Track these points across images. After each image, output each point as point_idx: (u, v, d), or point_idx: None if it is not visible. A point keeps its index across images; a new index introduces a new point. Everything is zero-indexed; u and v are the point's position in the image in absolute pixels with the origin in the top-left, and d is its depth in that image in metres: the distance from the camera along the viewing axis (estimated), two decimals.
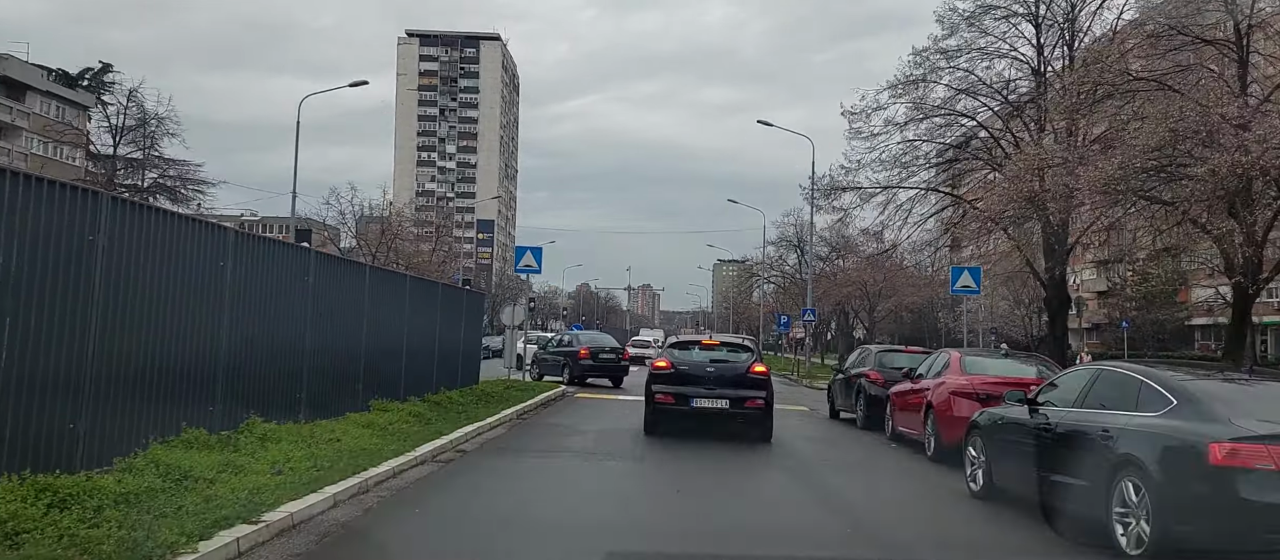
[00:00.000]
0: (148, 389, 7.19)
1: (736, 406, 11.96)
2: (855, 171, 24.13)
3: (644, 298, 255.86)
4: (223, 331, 8.31)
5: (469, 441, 11.07)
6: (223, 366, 8.34)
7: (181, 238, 7.67)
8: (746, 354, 12.89)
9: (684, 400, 11.94)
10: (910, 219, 25.62)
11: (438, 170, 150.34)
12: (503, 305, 21.94)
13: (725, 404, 11.90)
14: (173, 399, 7.50)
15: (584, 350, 24.05)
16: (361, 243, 49.46)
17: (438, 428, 11.27)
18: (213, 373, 8.22)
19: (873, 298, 42.30)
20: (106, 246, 6.59)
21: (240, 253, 8.61)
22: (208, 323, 8.09)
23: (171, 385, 7.52)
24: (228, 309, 8.38)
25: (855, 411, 15.77)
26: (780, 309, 69.63)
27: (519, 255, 19.41)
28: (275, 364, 9.41)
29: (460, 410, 13.52)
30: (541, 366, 26.00)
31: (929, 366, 12.55)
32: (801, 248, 62.39)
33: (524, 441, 11.73)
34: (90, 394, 6.48)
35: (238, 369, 8.61)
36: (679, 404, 11.96)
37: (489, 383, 19.40)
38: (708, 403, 11.90)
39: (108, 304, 6.64)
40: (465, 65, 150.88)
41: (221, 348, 8.29)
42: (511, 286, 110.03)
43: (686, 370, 12.25)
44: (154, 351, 7.27)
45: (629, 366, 25.60)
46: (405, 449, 9.28)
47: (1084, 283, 74.13)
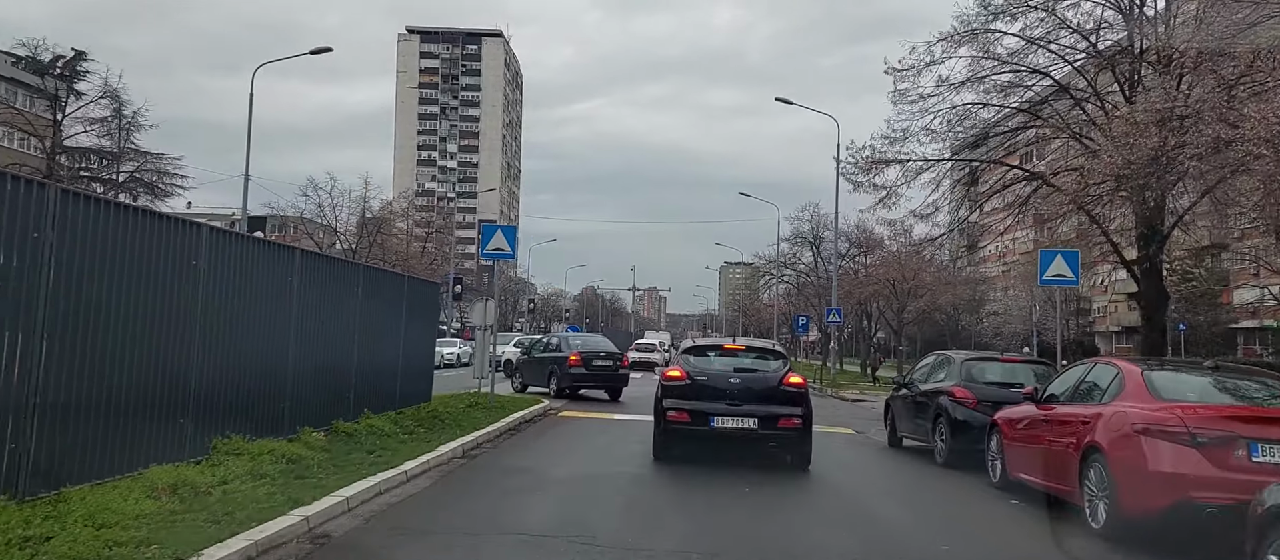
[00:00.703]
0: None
1: (767, 427, 9.74)
2: (900, 142, 19.88)
3: (650, 300, 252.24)
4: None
5: (351, 511, 6.80)
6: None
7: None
8: (778, 361, 10.57)
9: (702, 419, 9.73)
10: (970, 198, 21.30)
11: (438, 170, 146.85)
12: (472, 303, 17.45)
13: (753, 424, 9.68)
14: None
15: (574, 356, 19.89)
16: (340, 238, 45.41)
17: (315, 484, 7.08)
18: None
19: (902, 296, 37.95)
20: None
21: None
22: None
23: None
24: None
25: (931, 440, 11.57)
26: (794, 310, 65.41)
27: (486, 236, 15.25)
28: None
29: (377, 447, 9.37)
30: (523, 375, 21.86)
31: (1071, 384, 8.33)
32: (817, 244, 58.20)
33: (447, 509, 7.50)
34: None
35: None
36: (696, 424, 9.76)
37: (448, 399, 15.27)
38: (731, 422, 9.68)
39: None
40: (467, 62, 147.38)
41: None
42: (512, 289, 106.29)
43: (705, 382, 10.01)
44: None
45: (629, 375, 21.38)
46: (199, 541, 5.08)
47: (1112, 284, 69.84)
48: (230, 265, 8.04)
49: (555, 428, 14.34)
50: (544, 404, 16.89)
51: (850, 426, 16.76)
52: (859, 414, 20.67)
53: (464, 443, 10.56)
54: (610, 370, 20.33)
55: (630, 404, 19.65)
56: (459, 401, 15.32)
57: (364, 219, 45.33)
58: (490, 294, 29.86)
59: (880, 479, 10.91)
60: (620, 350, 21.60)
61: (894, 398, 13.46)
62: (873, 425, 17.38)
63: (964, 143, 21.12)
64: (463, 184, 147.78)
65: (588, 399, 20.41)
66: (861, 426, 16.93)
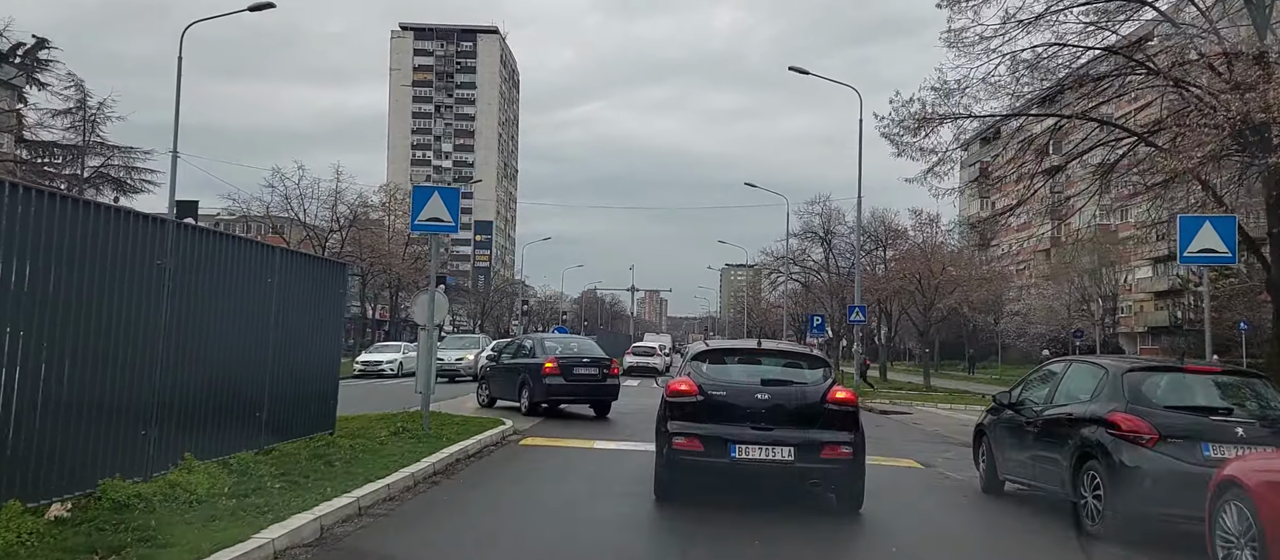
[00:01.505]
0: None
1: (807, 458, 7.28)
2: (956, 95, 15.81)
3: (651, 303, 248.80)
4: None
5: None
6: None
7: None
8: (818, 370, 8.03)
9: (719, 448, 7.32)
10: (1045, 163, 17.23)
11: (433, 169, 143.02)
12: (416, 296, 13.35)
13: (788, 454, 7.26)
14: None
15: (550, 362, 15.82)
16: (313, 237, 41.41)
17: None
18: None
19: (929, 294, 33.84)
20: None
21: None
22: None
23: None
24: None
25: (1069, 491, 7.51)
26: (802, 310, 61.25)
27: (418, 201, 11.15)
28: None
29: (155, 529, 5.30)
30: (491, 387, 17.81)
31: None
32: (829, 240, 54.21)
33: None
34: None
35: None
36: (710, 454, 7.34)
37: (371, 422, 11.35)
38: (759, 452, 7.25)
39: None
40: (462, 60, 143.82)
41: None
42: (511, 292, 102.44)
43: (723, 398, 7.54)
44: None
45: (619, 385, 17.28)
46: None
47: (1137, 282, 65.83)
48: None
49: (510, 465, 10.28)
50: (504, 427, 12.83)
51: (909, 455, 12.68)
52: (907, 434, 16.62)
53: (336, 510, 6.46)
54: (595, 380, 16.27)
55: (622, 423, 15.62)
56: (383, 426, 11.29)
57: (336, 212, 41.31)
58: (476, 285, 25.95)
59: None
60: (608, 355, 17.46)
61: (994, 423, 9.34)
62: (937, 452, 13.34)
63: (1034, 97, 17.00)
64: (458, 184, 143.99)
65: (568, 416, 16.37)
66: (925, 454, 12.86)
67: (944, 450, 13.57)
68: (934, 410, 23.61)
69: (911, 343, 70.35)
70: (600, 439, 12.85)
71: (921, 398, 27.67)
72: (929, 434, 16.79)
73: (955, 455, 12.83)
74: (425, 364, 12.88)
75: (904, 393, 29.97)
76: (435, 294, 13.40)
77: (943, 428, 18.12)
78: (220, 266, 7.64)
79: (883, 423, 19.05)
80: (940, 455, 12.84)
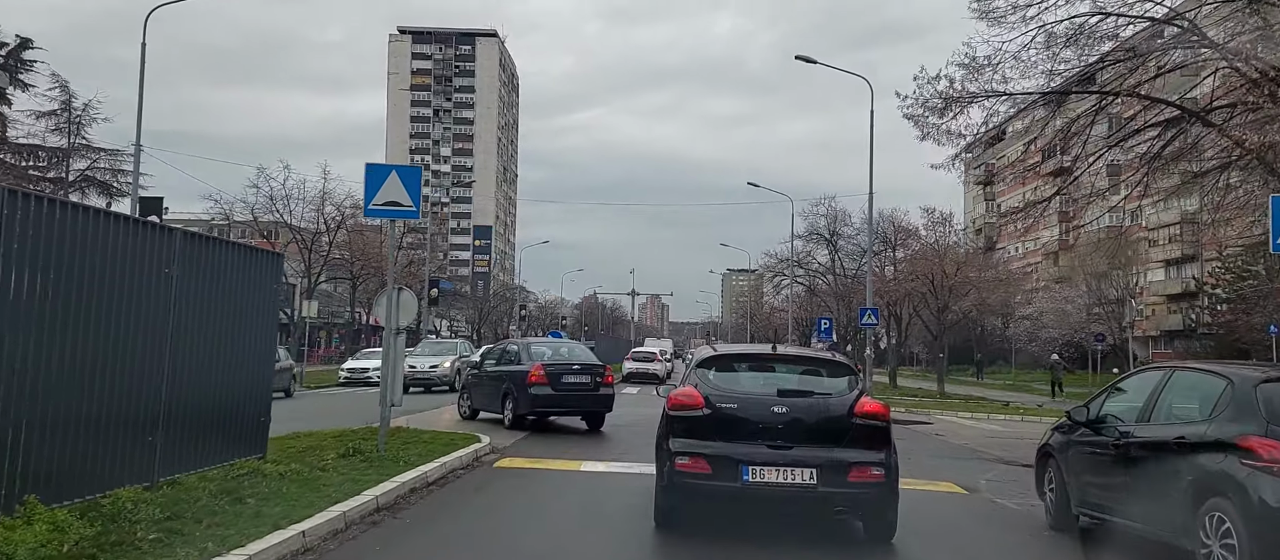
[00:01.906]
0: None
1: (832, 482, 6.19)
2: (987, 71, 14.12)
3: (652, 308, 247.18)
4: None
5: None
6: None
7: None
8: (843, 378, 6.92)
9: (729, 470, 6.23)
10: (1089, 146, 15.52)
11: (432, 174, 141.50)
12: (378, 297, 11.61)
13: (810, 477, 6.19)
14: None
15: (536, 370, 14.12)
16: (299, 241, 39.76)
17: None
18: None
19: (942, 296, 32.11)
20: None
21: None
22: None
23: None
24: None
25: (1187, 536, 5.80)
26: (806, 314, 59.53)
27: (372, 182, 9.31)
28: None
29: None
30: (473, 397, 16.13)
31: None
32: (835, 241, 52.59)
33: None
34: None
35: None
36: (719, 477, 6.24)
37: (320, 440, 9.71)
38: (775, 474, 6.19)
39: None
40: (460, 63, 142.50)
41: None
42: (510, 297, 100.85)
43: (733, 411, 6.45)
44: None
45: (614, 394, 15.54)
46: None
47: (1149, 285, 64.09)
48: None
49: (479, 495, 8.59)
50: (479, 445, 11.14)
51: (945, 476, 10.98)
52: (933, 447, 14.92)
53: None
54: (587, 390, 14.57)
55: (617, 437, 13.94)
56: (336, 446, 9.62)
57: (324, 213, 39.67)
58: (475, 290, 24.70)
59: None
60: (602, 362, 15.72)
61: (1066, 445, 7.61)
62: (975, 472, 11.64)
63: (1073, 76, 15.28)
64: (457, 189, 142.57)
65: (557, 430, 14.70)
66: (963, 475, 11.14)
67: (983, 470, 11.88)
68: (955, 420, 21.92)
69: (917, 347, 68.64)
70: (590, 458, 11.15)
71: (938, 405, 25.99)
72: (957, 448, 15.10)
73: (999, 477, 11.14)
74: (389, 372, 11.21)
75: (918, 400, 28.28)
76: (401, 294, 11.75)
77: (971, 441, 16.44)
78: (94, 253, 5.96)
79: (902, 434, 17.29)
80: (981, 476, 11.14)
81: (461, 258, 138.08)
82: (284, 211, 39.05)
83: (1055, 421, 8.10)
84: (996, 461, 13.00)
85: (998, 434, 18.02)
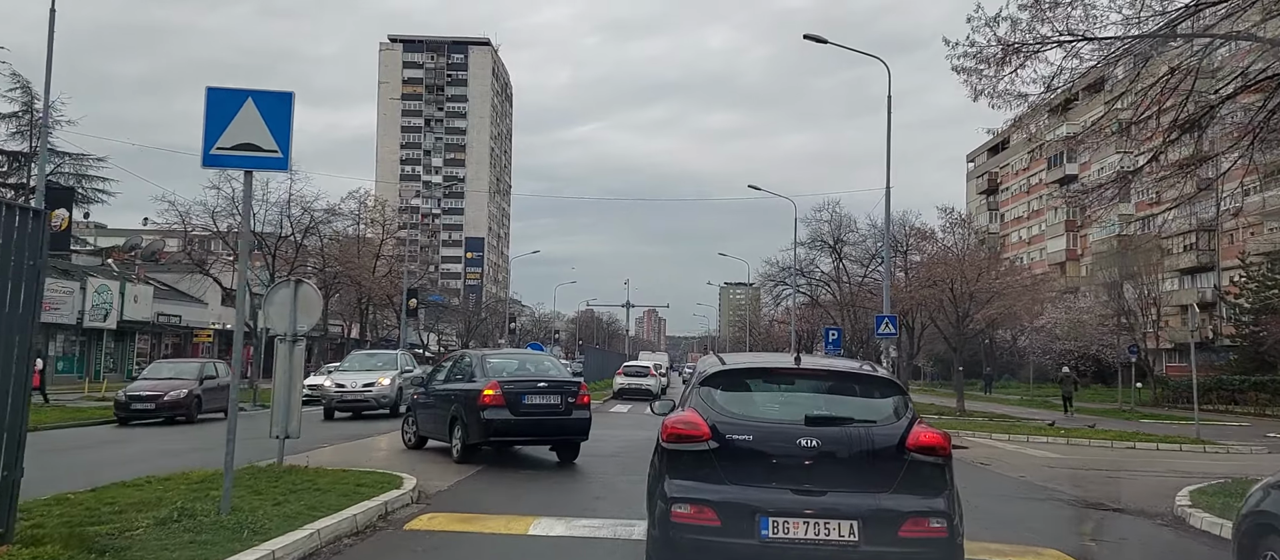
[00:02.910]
0: None
1: (879, 539, 4.78)
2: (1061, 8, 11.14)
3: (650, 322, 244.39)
4: None
5: None
6: None
7: None
8: (889, 398, 5.35)
9: (743, 522, 4.85)
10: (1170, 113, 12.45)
11: (423, 185, 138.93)
12: (272, 294, 8.52)
13: (850, 532, 4.77)
14: None
15: (491, 389, 11.14)
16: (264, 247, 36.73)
17: None
18: None
19: (962, 303, 29.14)
20: None
21: None
22: None
23: None
24: None
25: None
26: (809, 326, 56.55)
27: (216, 115, 6.35)
28: None
29: None
30: (419, 422, 13.15)
31: None
32: (839, 248, 49.68)
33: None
34: None
35: None
36: (731, 532, 4.86)
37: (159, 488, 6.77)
38: (805, 530, 4.79)
39: None
40: (453, 72, 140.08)
41: None
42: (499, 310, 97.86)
43: (748, 443, 5.07)
44: None
45: (589, 418, 12.37)
46: None
47: (1164, 295, 61.20)
48: None
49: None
50: (396, 493, 8.13)
51: (1045, 539, 7.94)
52: (991, 485, 11.89)
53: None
54: (555, 413, 11.58)
55: (594, 474, 10.99)
56: (169, 501, 6.63)
57: (291, 217, 36.62)
58: (468, 302, 22.14)
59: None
60: (574, 378, 12.67)
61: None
62: (1067, 524, 8.61)
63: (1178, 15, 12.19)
64: (449, 200, 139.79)
65: (519, 462, 11.74)
66: (1063, 536, 8.10)
67: (1076, 521, 8.87)
68: (993, 444, 18.95)
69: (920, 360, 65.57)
70: (550, 512, 8.13)
71: (962, 425, 23.00)
72: (1021, 485, 12.10)
73: (1108, 532, 8.15)
74: (283, 392, 8.24)
75: (941, 420, 25.32)
76: (299, 289, 8.80)
77: (1028, 472, 13.45)
78: None
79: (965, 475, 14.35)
80: (1089, 536, 8.12)
81: (453, 270, 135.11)
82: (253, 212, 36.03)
83: (1272, 477, 5.10)
84: (1082, 504, 10.04)
85: (1056, 462, 15.06)
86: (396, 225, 48.21)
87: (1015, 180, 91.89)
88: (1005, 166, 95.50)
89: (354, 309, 46.44)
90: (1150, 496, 10.84)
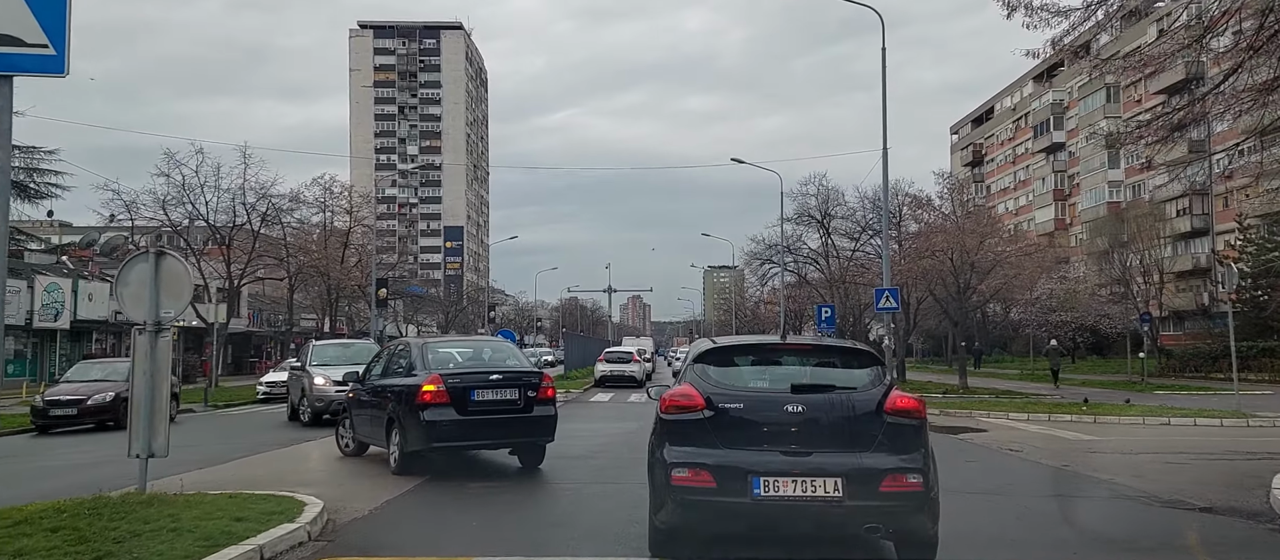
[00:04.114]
0: None
1: (861, 494, 5.26)
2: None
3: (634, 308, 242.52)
4: None
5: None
6: None
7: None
8: (868, 369, 5.89)
9: (737, 483, 5.30)
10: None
11: (398, 174, 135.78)
12: (125, 271, 6.35)
13: (834, 489, 5.26)
14: None
15: (432, 383, 9.10)
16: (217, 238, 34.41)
17: None
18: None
19: (964, 274, 27.28)
20: None
21: None
22: None
23: None
24: None
25: None
26: (796, 305, 54.75)
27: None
28: None
29: None
30: (356, 425, 11.08)
31: None
32: (827, 223, 47.83)
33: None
34: None
35: None
36: (726, 492, 5.32)
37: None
38: (793, 488, 5.27)
39: None
40: (425, 58, 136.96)
41: None
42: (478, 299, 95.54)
43: (739, 412, 5.56)
44: None
45: (555, 415, 10.26)
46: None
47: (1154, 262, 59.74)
48: None
49: None
50: (284, 530, 6.07)
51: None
52: (1038, 477, 9.98)
53: None
54: (513, 410, 9.54)
55: (565, 484, 9.02)
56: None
57: (246, 204, 34.27)
58: (448, 292, 20.84)
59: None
60: (535, 369, 10.51)
61: None
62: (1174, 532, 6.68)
63: None
64: (425, 188, 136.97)
65: (471, 469, 9.74)
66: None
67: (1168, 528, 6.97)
68: (1013, 423, 17.13)
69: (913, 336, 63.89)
70: (495, 550, 6.13)
71: (971, 404, 21.18)
72: (1071, 477, 10.19)
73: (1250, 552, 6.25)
74: (144, 399, 6.21)
75: (946, 399, 23.53)
76: (161, 262, 6.72)
77: (1072, 459, 11.56)
78: None
79: (968, 452, 12.44)
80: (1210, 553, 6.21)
81: (433, 260, 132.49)
82: (200, 203, 33.63)
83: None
84: (1157, 502, 8.14)
85: (1096, 446, 13.20)
86: (363, 211, 45.64)
87: (1000, 150, 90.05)
88: (990, 137, 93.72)
89: (324, 302, 44.05)
90: (1230, 487, 9.00)
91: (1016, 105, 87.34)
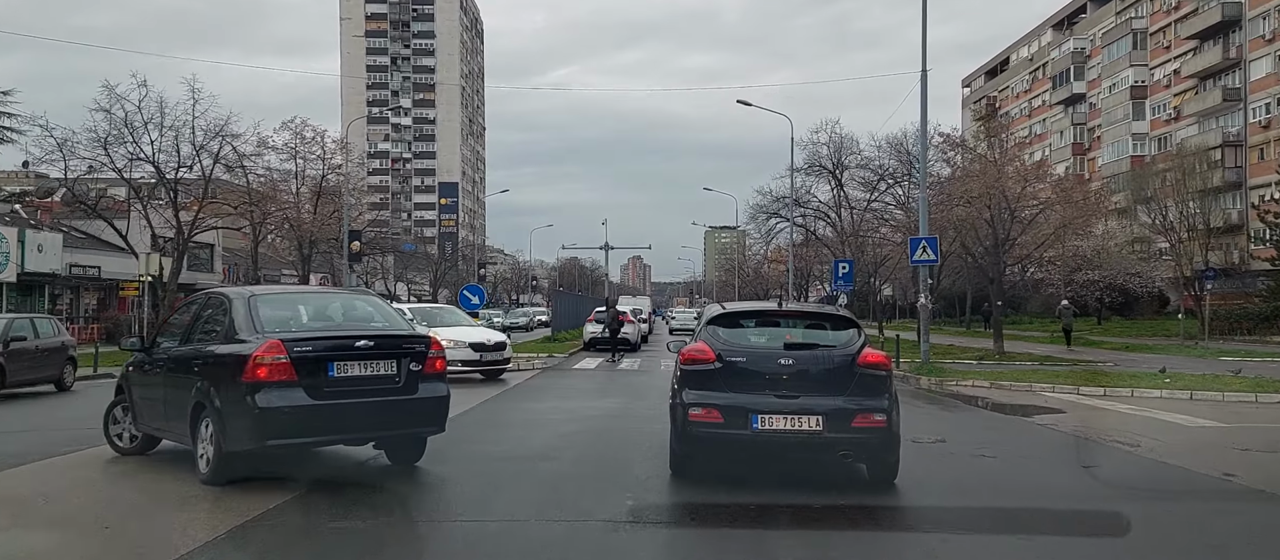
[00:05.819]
0: None
1: (837, 428, 6.77)
2: None
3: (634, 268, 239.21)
4: None
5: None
6: None
7: None
8: (847, 331, 7.35)
9: (739, 419, 6.78)
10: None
11: (392, 128, 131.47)
12: None
13: (817, 424, 6.74)
14: None
15: (269, 353, 5.64)
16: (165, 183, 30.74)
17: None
18: None
19: (1004, 226, 23.61)
20: None
21: None
22: None
23: None
24: None
25: None
26: (804, 264, 51.19)
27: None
28: None
29: None
30: (139, 414, 7.45)
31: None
32: (839, 171, 44.22)
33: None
34: None
35: None
36: (731, 426, 6.81)
37: None
38: (783, 422, 6.77)
39: None
40: (418, 7, 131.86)
41: None
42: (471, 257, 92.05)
43: (743, 364, 7.03)
44: None
45: (447, 396, 6.82)
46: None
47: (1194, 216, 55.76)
48: None
49: None
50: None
51: None
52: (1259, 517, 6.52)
53: None
54: (387, 391, 6.10)
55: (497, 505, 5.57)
56: None
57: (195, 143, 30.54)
58: (444, 251, 16.23)
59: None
60: (418, 334, 6.62)
61: None
62: None
63: None
64: (419, 143, 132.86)
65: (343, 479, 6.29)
66: None
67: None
68: (1088, 401, 13.60)
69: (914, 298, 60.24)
70: None
71: (1015, 373, 17.67)
72: (1252, 496, 6.75)
73: None
74: None
75: (982, 364, 20.08)
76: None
77: (1230, 461, 8.08)
78: None
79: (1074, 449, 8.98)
80: None
81: (427, 217, 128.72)
82: (143, 141, 29.95)
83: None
84: None
85: (1232, 433, 9.71)
86: (338, 158, 41.79)
87: (1015, 103, 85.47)
88: (1005, 90, 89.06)
89: (300, 255, 40.33)
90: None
91: (1034, 55, 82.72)
